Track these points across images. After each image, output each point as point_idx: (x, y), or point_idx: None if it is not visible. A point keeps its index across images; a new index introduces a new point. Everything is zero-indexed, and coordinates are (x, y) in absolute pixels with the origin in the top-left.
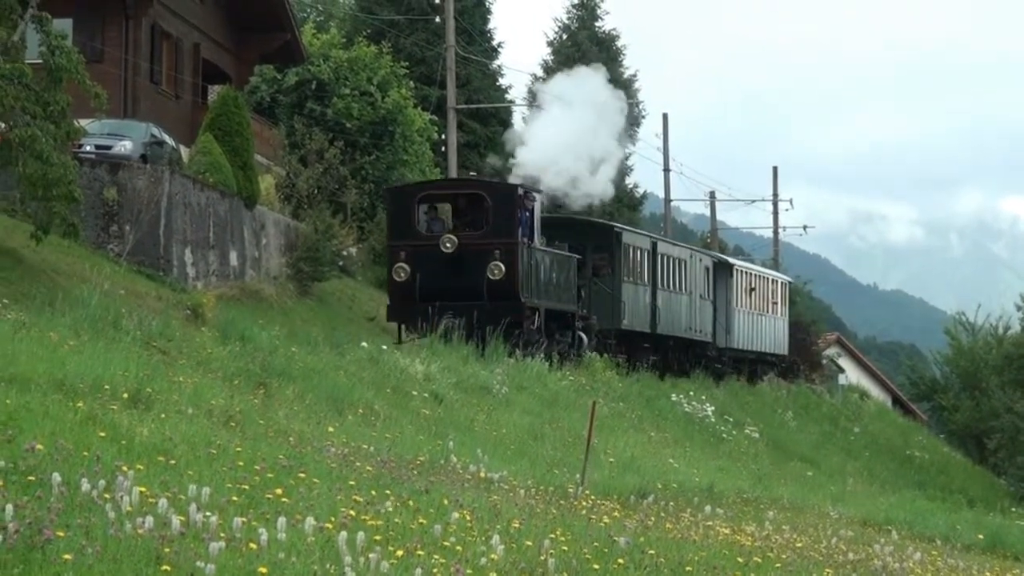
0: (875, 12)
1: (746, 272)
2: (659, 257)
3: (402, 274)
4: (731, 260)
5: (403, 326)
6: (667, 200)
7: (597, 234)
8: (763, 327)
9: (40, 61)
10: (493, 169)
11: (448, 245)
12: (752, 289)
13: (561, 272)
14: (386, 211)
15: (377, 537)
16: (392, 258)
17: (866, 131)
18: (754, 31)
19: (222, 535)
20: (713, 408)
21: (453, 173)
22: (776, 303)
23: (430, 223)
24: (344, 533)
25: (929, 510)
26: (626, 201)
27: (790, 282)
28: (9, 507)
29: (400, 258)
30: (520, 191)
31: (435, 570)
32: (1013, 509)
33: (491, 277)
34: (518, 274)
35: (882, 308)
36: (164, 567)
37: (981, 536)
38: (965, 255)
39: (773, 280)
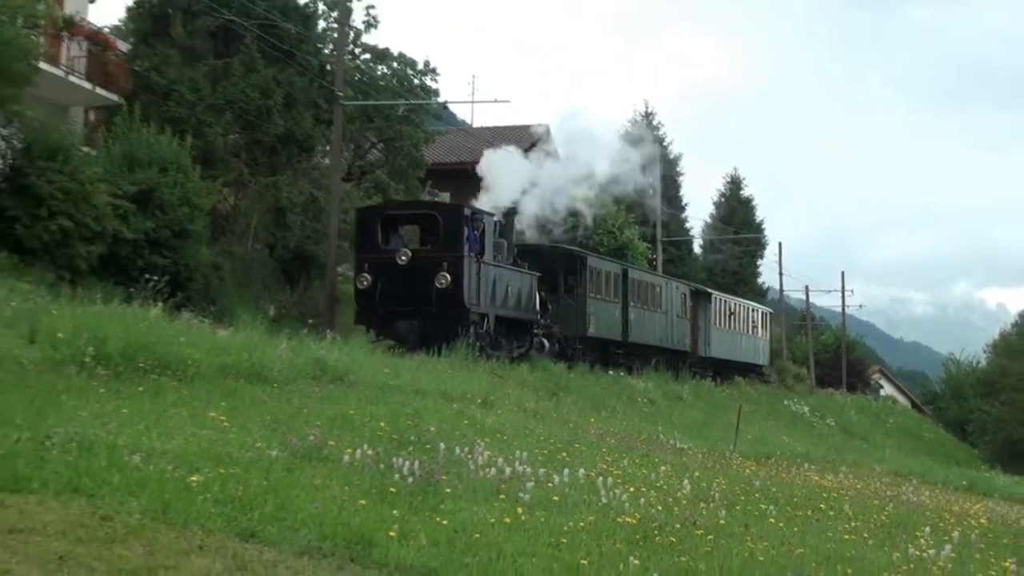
0: (907, 179)
1: (724, 300)
2: (630, 281)
3: (364, 282)
4: (709, 290)
5: (369, 328)
6: (781, 291)
7: (567, 259)
8: (741, 343)
9: None
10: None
11: (403, 258)
12: (732, 313)
13: (517, 285)
14: (355, 229)
15: (619, 480)
16: (357, 269)
17: (897, 246)
18: (835, 181)
19: (533, 478)
20: (808, 408)
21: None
22: (756, 326)
23: (392, 239)
24: (600, 478)
25: (933, 467)
26: (756, 291)
27: (770, 312)
28: (416, 463)
29: (364, 269)
30: (467, 212)
31: (652, 498)
32: (982, 467)
33: (439, 286)
34: (463, 283)
35: (906, 352)
36: (501, 496)
37: (964, 482)
38: (957, 323)
39: (754, 309)
